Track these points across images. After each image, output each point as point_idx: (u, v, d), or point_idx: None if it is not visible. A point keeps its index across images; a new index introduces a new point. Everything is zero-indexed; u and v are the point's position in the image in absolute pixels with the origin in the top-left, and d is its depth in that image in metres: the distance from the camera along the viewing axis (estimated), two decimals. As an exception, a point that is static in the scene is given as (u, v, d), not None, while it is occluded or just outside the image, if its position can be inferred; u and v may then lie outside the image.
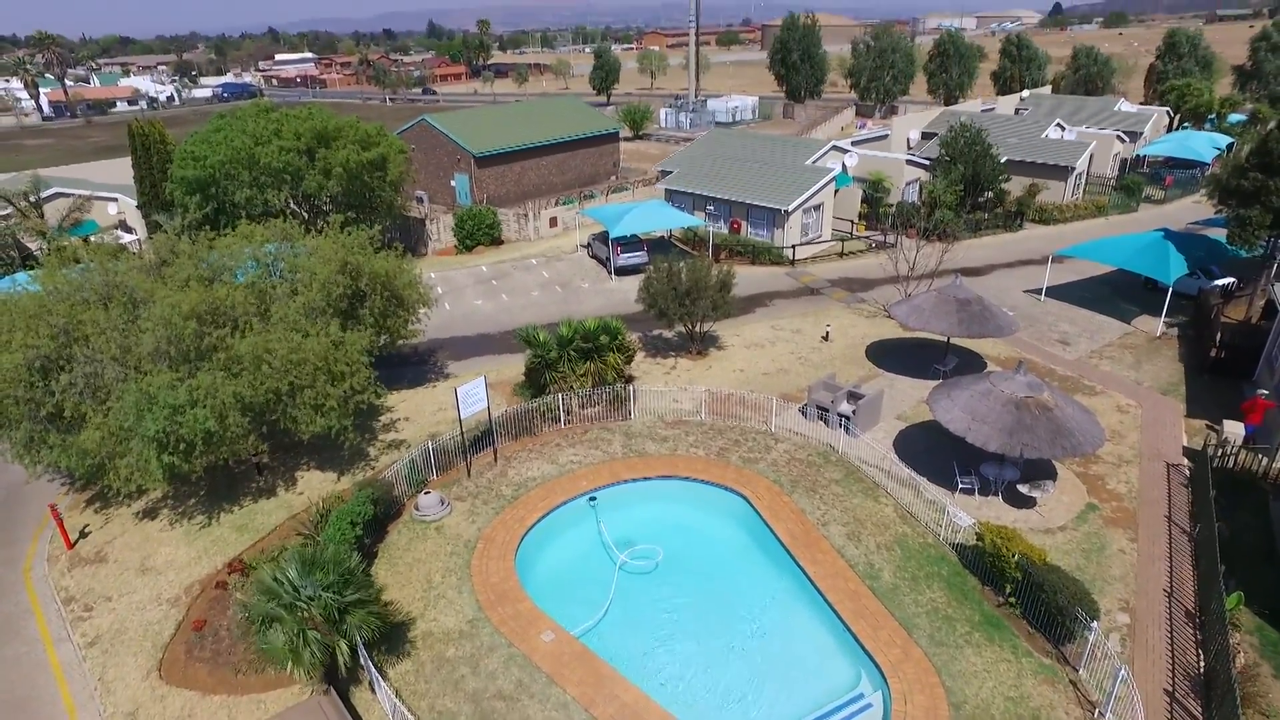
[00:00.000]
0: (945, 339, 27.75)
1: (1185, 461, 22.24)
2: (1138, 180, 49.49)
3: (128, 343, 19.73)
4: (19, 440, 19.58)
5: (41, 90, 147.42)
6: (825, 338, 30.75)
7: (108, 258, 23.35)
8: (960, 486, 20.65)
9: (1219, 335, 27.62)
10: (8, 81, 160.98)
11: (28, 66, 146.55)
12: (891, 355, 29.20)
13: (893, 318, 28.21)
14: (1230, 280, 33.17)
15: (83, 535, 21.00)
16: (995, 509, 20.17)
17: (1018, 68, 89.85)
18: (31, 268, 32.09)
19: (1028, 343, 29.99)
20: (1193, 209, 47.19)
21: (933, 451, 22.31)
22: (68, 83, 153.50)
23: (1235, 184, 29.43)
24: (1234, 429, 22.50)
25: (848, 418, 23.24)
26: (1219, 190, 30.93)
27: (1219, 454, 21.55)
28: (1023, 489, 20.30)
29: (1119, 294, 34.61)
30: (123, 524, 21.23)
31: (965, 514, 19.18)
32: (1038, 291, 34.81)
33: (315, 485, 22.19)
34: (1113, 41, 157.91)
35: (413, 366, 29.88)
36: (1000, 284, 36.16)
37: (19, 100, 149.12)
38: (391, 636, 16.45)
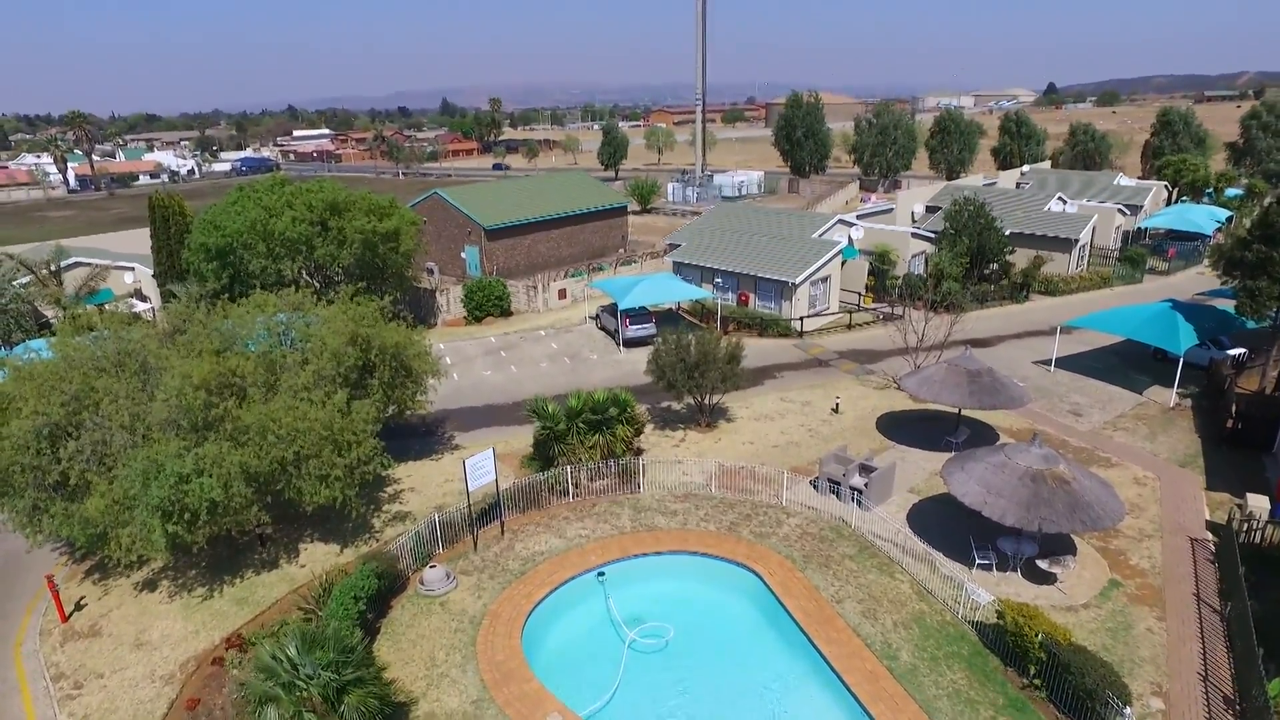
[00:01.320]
0: (956, 411, 27.53)
1: (1210, 536, 21.68)
2: (1141, 252, 49.95)
3: (138, 410, 19.73)
4: (23, 509, 19.39)
5: (70, 165, 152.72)
6: (835, 410, 30.56)
7: (123, 325, 23.58)
8: (978, 562, 20.13)
9: (1234, 406, 27.34)
10: (39, 157, 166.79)
11: (59, 143, 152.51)
12: (903, 427, 28.94)
13: (903, 389, 28.08)
14: (1241, 351, 33.06)
15: (78, 607, 20.54)
16: (1014, 585, 19.61)
17: (1017, 144, 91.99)
18: (46, 334, 32.44)
19: (1040, 414, 29.73)
20: (1197, 280, 47.44)
21: (948, 525, 21.86)
22: (94, 157, 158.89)
23: (1239, 256, 29.66)
24: (1258, 503, 22.02)
25: (860, 491, 22.88)
26: (1223, 262, 31.14)
27: (1245, 529, 21.03)
28: (1042, 564, 19.77)
29: (1129, 365, 34.48)
30: (120, 596, 20.79)
31: (984, 590, 18.64)
32: (1047, 362, 34.72)
33: (319, 558, 21.79)
34: (1107, 119, 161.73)
35: (420, 437, 29.71)
36: (1009, 355, 36.10)
37: (47, 174, 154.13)
38: (393, 718, 15.85)
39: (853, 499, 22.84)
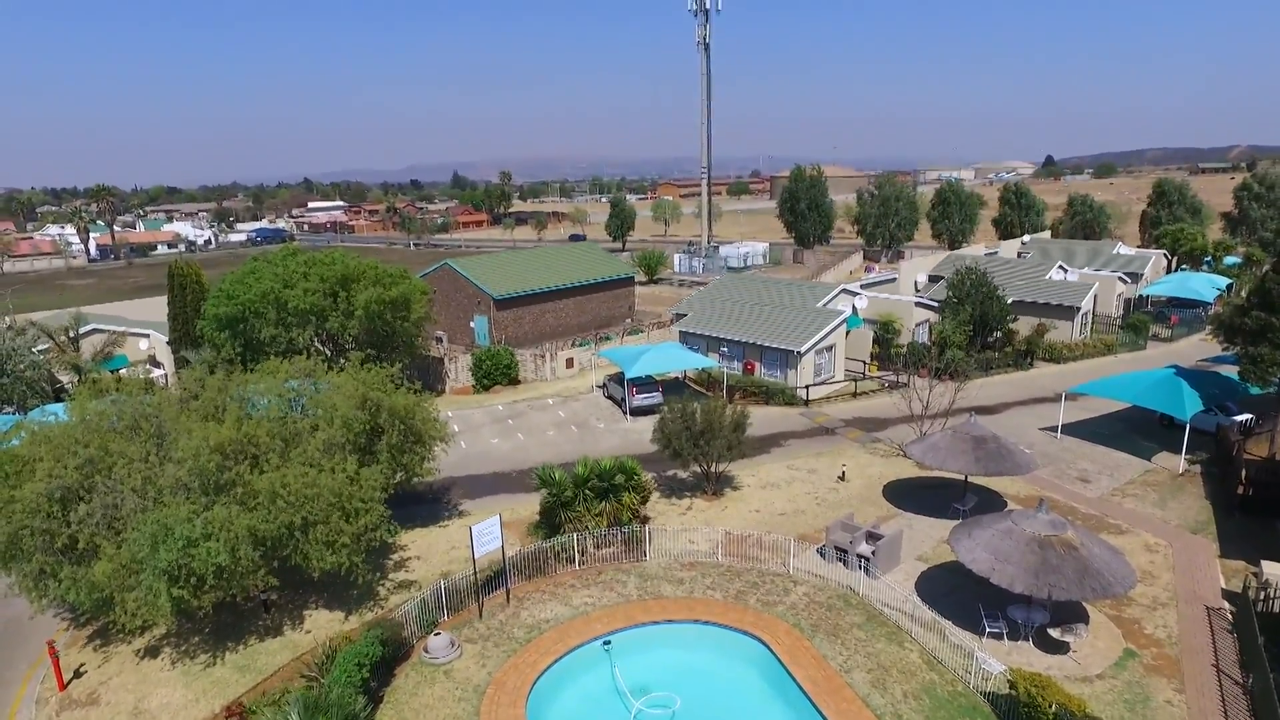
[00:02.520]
0: (963, 477, 27.49)
1: (1226, 605, 21.36)
2: (1144, 319, 50.39)
3: (150, 473, 19.98)
4: (30, 573, 19.46)
5: (92, 235, 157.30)
6: (841, 477, 30.53)
7: (139, 390, 24.04)
8: (988, 630, 19.85)
9: (1244, 473, 27.21)
10: (63, 228, 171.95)
11: (83, 215, 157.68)
12: (909, 495, 28.86)
13: (909, 457, 28.13)
14: (1248, 416, 33.04)
15: (77, 675, 20.35)
16: (1026, 654, 19.29)
17: (1017, 214, 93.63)
18: (61, 399, 32.95)
19: (1047, 480, 29.63)
20: (1200, 347, 47.68)
21: (957, 593, 21.62)
22: (116, 228, 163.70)
23: (1239, 322, 30.01)
24: (1275, 571, 21.72)
25: (867, 559, 22.72)
26: (1224, 329, 31.48)
27: (1262, 598, 20.72)
28: (1054, 633, 19.48)
29: (1136, 431, 34.45)
30: (121, 663, 20.60)
31: (995, 660, 18.34)
32: (1053, 429, 34.73)
33: (323, 624, 21.63)
34: (1104, 190, 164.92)
35: (427, 504, 29.74)
36: (1015, 422, 36.15)
37: (70, 244, 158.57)
38: (393, 792, 15.54)
39: (860, 567, 22.66)
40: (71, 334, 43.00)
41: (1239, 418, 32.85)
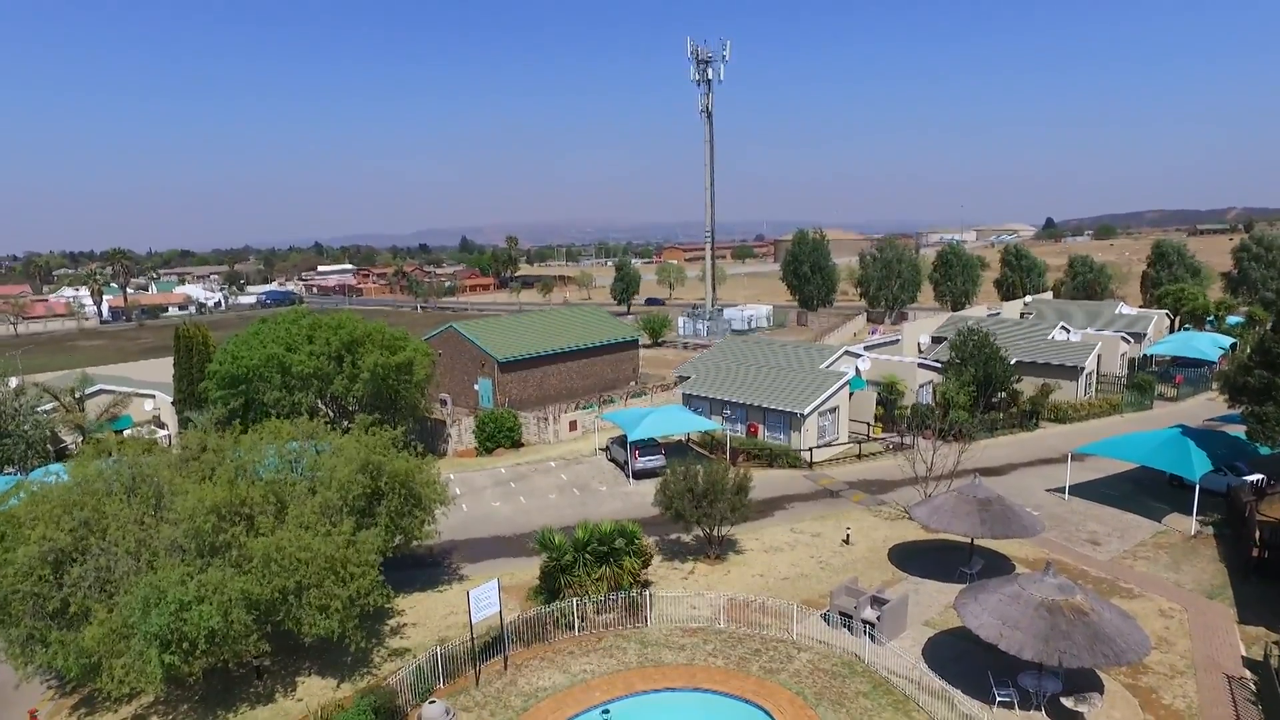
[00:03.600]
0: (969, 540, 27.03)
1: (1248, 674, 20.69)
2: (1149, 379, 50.23)
3: (145, 535, 19.83)
4: (17, 638, 19.14)
5: (105, 297, 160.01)
6: (846, 541, 30.07)
7: (140, 451, 24.05)
8: (998, 699, 19.23)
9: (1258, 535, 26.69)
10: (77, 290, 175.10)
11: (97, 277, 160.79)
12: (915, 558, 28.36)
13: (914, 519, 27.72)
14: (1259, 477, 32.57)
15: (61, 747, 19.83)
16: (1040, 727, 18.64)
17: (1018, 275, 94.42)
18: (64, 459, 33.00)
19: (1055, 543, 29.11)
20: (1207, 406, 47.36)
21: (965, 660, 21.03)
22: (129, 290, 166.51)
23: (1244, 381, 29.91)
24: (1292, 638, 21.14)
25: (872, 624, 22.20)
26: (1229, 387, 31.35)
27: (1282, 666, 20.06)
28: (1067, 702, 18.86)
29: (1145, 491, 33.97)
30: (108, 735, 20.08)
31: (1007, 732, 17.73)
32: (1060, 490, 34.28)
33: (315, 691, 21.10)
34: (1105, 251, 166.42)
35: (426, 568, 29.33)
36: (1021, 483, 35.72)
37: (83, 306, 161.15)
38: None
39: (865, 633, 22.13)
40: (77, 394, 43.27)
41: (1250, 478, 32.39)
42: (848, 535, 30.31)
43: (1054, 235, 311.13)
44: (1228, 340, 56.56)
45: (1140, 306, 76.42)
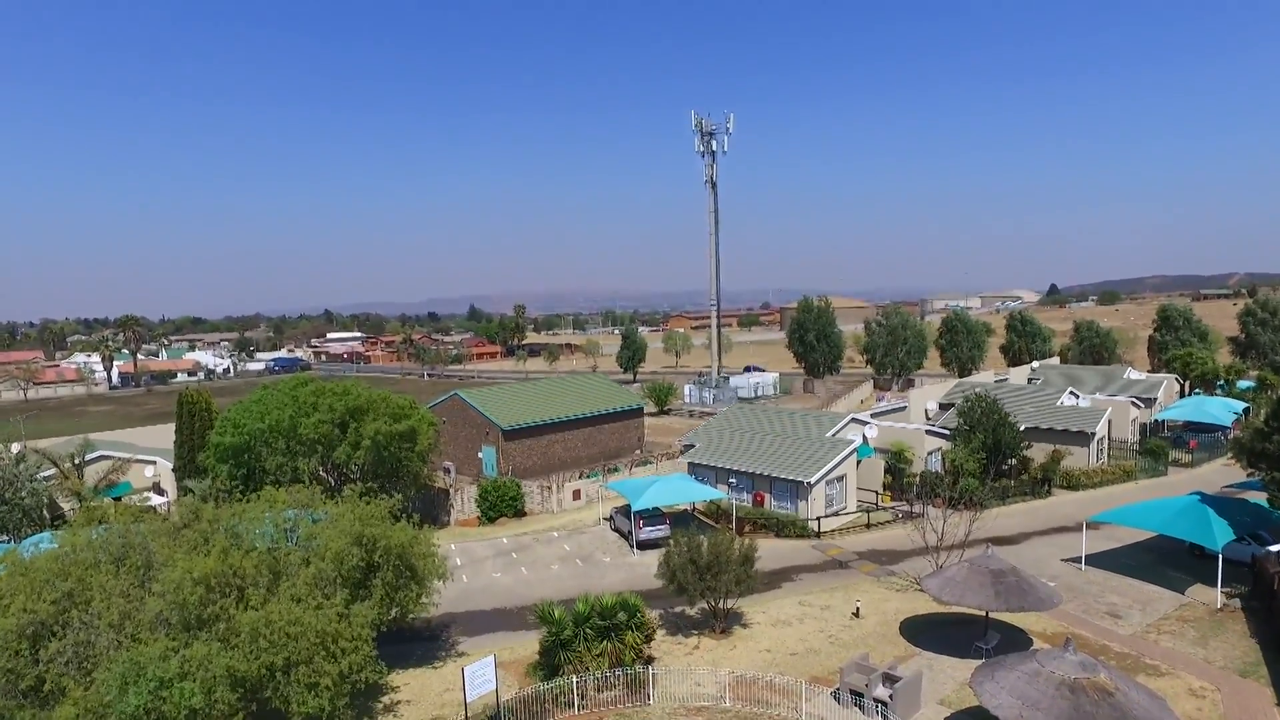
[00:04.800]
0: (984, 613, 26.09)
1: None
2: (1162, 444, 49.44)
3: (129, 608, 19.24)
4: (-12, 720, 18.41)
5: (115, 363, 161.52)
6: (856, 614, 29.10)
7: (131, 519, 23.62)
8: (1022, 788, 18.14)
9: (1287, 609, 25.72)
10: (88, 356, 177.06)
11: (109, 343, 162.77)
12: (928, 632, 27.34)
13: (926, 591, 26.84)
14: (1284, 547, 31.57)
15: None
16: (1067, 817, 17.51)
17: (1024, 341, 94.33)
18: (60, 527, 32.55)
19: (1074, 616, 28.06)
20: (1224, 472, 46.45)
21: (986, 744, 19.96)
22: (140, 356, 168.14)
23: (1261, 447, 29.32)
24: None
25: (885, 703, 21.22)
26: (1246, 454, 30.70)
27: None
28: (1095, 792, 17.76)
29: (1165, 561, 32.95)
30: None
31: (1032, 823, 16.66)
32: (1076, 560, 33.27)
33: (300, 779, 20.09)
34: (1109, 316, 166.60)
35: (423, 642, 28.40)
36: (1035, 553, 34.75)
37: (93, 372, 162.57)
38: None
39: (878, 711, 21.14)
40: (77, 460, 43.03)
41: (1275, 548, 31.37)
42: (858, 608, 29.33)
43: (1058, 301, 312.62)
44: (1240, 405, 55.88)
45: (1149, 371, 75.96)
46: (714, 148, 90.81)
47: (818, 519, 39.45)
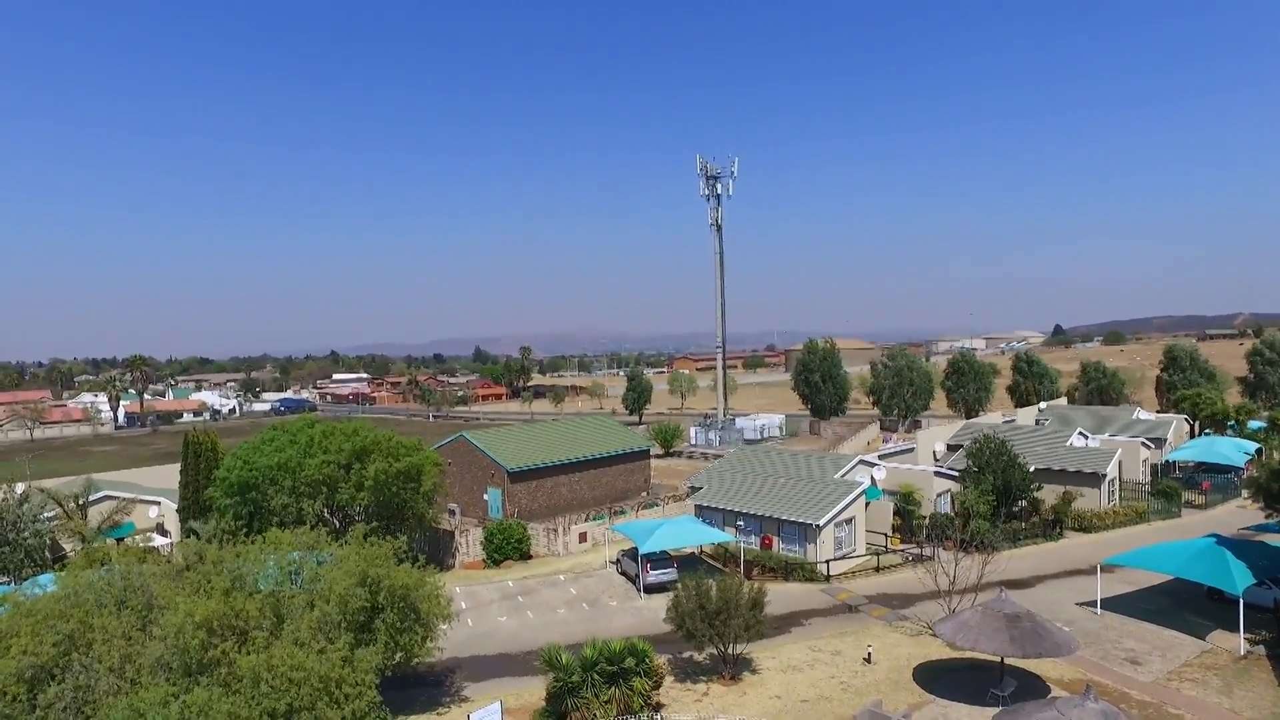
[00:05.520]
0: (999, 659, 25.53)
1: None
2: (1174, 485, 48.90)
3: (131, 651, 18.94)
4: (-18, 766, 18.03)
5: (122, 403, 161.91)
6: (867, 659, 28.51)
7: (134, 560, 23.42)
8: (1045, 843, 17.58)
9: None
10: (96, 396, 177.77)
11: (116, 384, 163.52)
12: (942, 678, 26.73)
13: (939, 636, 26.35)
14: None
15: None
16: None
17: (1031, 382, 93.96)
18: (62, 568, 32.30)
19: (1092, 662, 27.44)
20: (1239, 514, 45.84)
21: (1005, 796, 19.37)
22: (146, 396, 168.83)
23: (1277, 488, 28.93)
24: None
25: (902, 752, 20.65)
26: (1263, 495, 30.32)
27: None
28: (1120, 847, 17.21)
29: (1183, 606, 32.29)
30: None
31: None
32: (1092, 604, 32.64)
33: (300, 832, 19.54)
34: (1115, 357, 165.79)
35: (427, 687, 27.86)
36: (1050, 596, 34.14)
37: (100, 412, 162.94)
38: None
39: (894, 763, 20.56)
40: (81, 501, 42.86)
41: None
42: (869, 653, 28.75)
43: (1063, 341, 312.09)
44: (1252, 445, 55.32)
45: (1157, 411, 75.50)
46: (719, 191, 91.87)
47: (827, 562, 38.91)
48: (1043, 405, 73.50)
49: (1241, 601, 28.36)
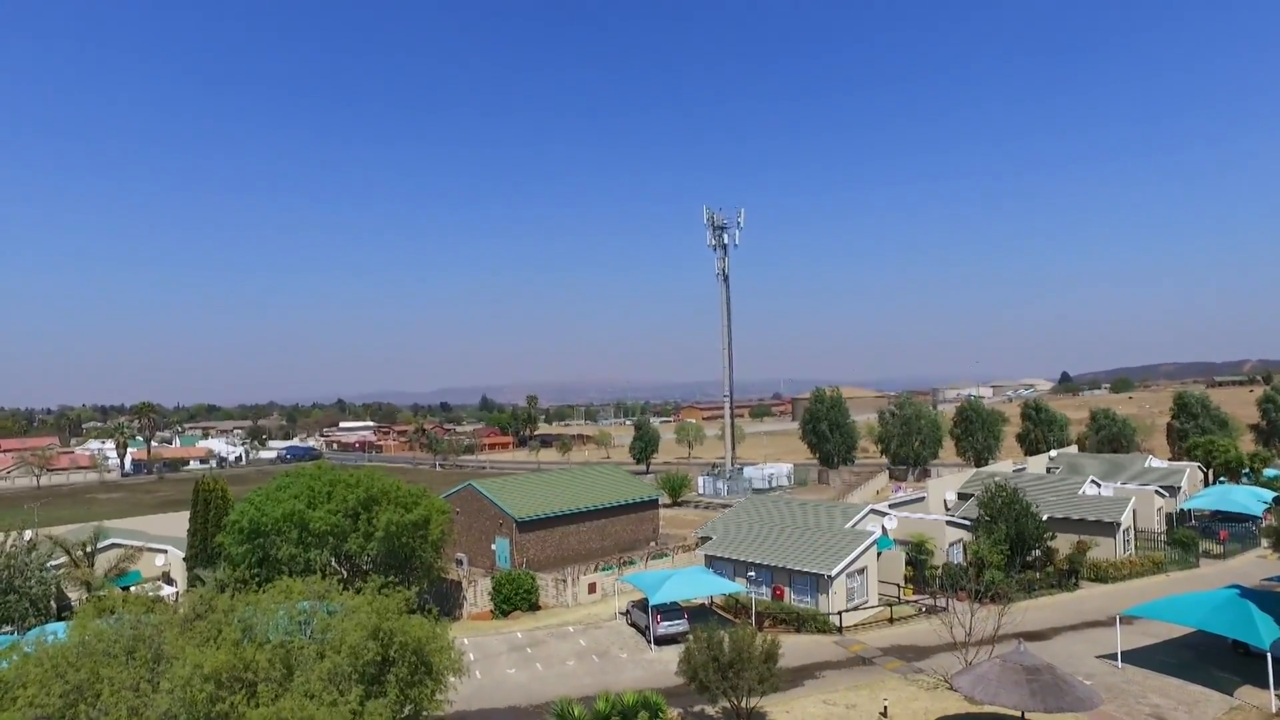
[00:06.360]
0: (1019, 713, 24.98)
1: None
2: (1191, 535, 48.28)
3: (138, 704, 18.69)
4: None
5: (129, 450, 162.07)
6: (883, 714, 27.91)
7: (143, 610, 23.24)
8: None
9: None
10: (103, 443, 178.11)
11: (124, 430, 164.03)
12: (963, 733, 26.15)
13: (956, 690, 25.82)
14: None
15: None
16: None
17: (1040, 430, 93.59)
18: (67, 618, 32.02)
19: (1116, 717, 26.80)
20: (1260, 564, 45.16)
21: None
22: (153, 444, 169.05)
23: (1296, 540, 28.55)
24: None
25: (923, 811, 20.11)
26: (1282, 545, 29.89)
27: None
28: None
29: (1207, 659, 31.60)
30: None
31: None
32: (1113, 657, 31.99)
33: None
34: (1124, 404, 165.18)
35: (434, 742, 27.33)
36: (1068, 649, 33.50)
37: (107, 459, 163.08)
38: None
39: (916, 823, 20.00)
40: (88, 549, 42.68)
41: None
42: (885, 707, 28.15)
43: (1071, 389, 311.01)
44: (1269, 494, 54.73)
45: (1169, 459, 74.92)
46: (725, 241, 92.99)
47: (839, 613, 38.36)
48: (1053, 453, 73.07)
49: (1270, 656, 27.75)
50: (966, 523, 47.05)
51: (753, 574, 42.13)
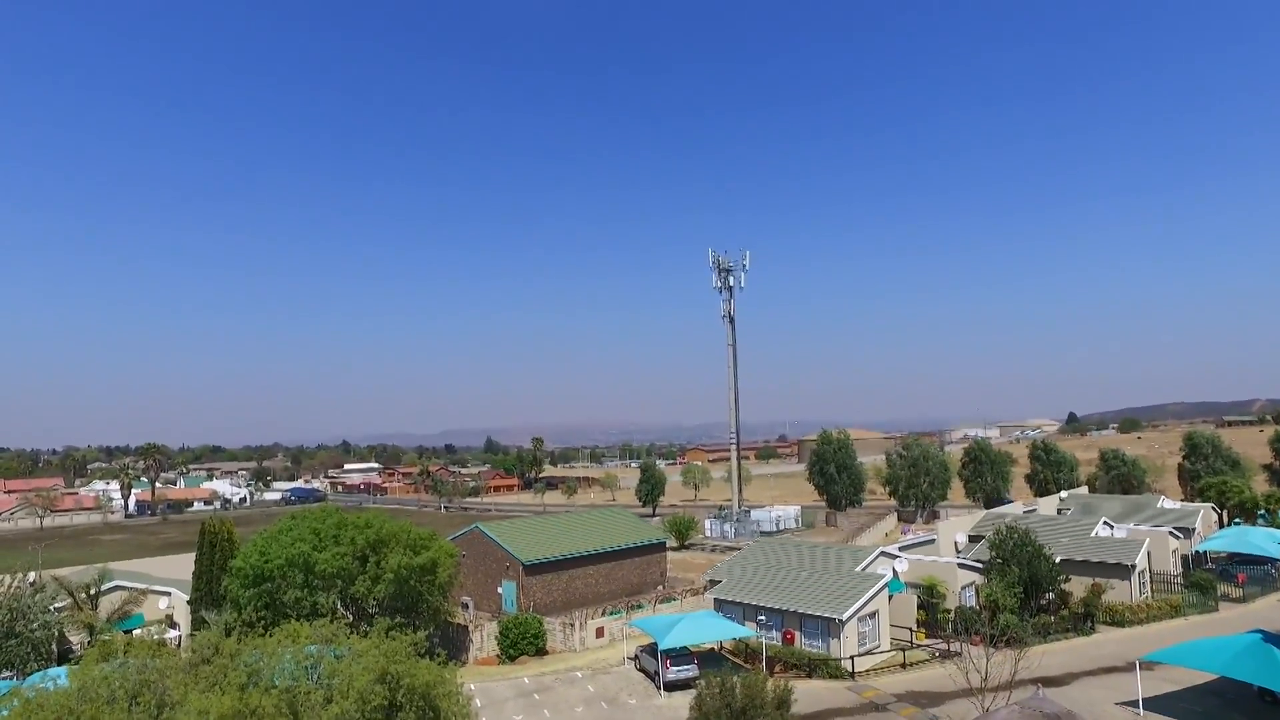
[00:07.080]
0: (1041, 762, 24.36)
1: None
2: (1208, 577, 47.50)
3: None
4: None
5: (134, 491, 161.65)
6: (902, 761, 27.28)
7: (148, 654, 22.98)
8: None
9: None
10: (108, 484, 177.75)
11: (129, 471, 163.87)
12: (982, 783, 25.48)
13: (975, 736, 25.26)
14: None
15: None
16: None
17: (1049, 470, 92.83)
18: (67, 662, 31.61)
19: (1139, 768, 26.14)
20: (1280, 610, 44.28)
21: None
22: (158, 485, 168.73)
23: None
24: None
25: None
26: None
27: None
28: None
29: (1232, 707, 30.82)
30: None
31: None
32: (1133, 704, 31.26)
33: None
34: (1133, 444, 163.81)
35: (439, 793, 26.71)
36: (1087, 695, 32.78)
37: (111, 500, 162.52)
38: None
39: None
40: (93, 591, 42.30)
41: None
42: (903, 757, 27.52)
43: (1078, 429, 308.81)
44: (1286, 536, 53.97)
45: (1181, 500, 74.09)
46: (731, 284, 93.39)
47: (851, 658, 37.70)
48: (1064, 494, 72.41)
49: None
50: (979, 565, 46.43)
51: (763, 618, 41.52)
